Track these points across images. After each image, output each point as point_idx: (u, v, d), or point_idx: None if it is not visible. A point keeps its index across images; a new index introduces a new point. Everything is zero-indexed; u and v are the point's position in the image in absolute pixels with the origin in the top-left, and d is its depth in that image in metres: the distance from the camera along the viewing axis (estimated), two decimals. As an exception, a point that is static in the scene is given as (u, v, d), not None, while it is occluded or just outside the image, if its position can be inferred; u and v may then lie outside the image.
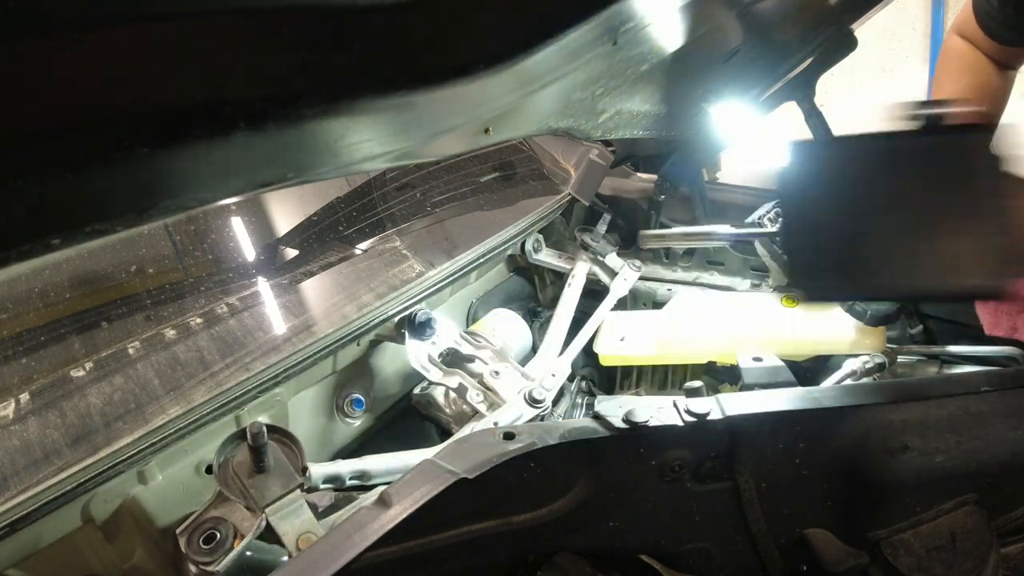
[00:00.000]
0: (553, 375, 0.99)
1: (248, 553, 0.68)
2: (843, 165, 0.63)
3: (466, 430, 0.87)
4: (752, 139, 1.21)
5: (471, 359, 0.97)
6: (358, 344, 0.95)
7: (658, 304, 1.33)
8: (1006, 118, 0.93)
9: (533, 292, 1.39)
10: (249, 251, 1.09)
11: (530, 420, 0.89)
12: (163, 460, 0.75)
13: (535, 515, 0.61)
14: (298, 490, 0.68)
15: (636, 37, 0.63)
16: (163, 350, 0.86)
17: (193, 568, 0.67)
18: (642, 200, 1.45)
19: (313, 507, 0.72)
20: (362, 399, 1.00)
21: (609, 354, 1.18)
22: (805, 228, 0.63)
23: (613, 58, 0.64)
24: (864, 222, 0.61)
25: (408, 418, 1.05)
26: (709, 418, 0.62)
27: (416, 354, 0.93)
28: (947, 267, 0.60)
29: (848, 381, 0.97)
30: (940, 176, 0.60)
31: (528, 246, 1.26)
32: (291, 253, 1.12)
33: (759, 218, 1.15)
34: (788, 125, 1.27)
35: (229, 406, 0.78)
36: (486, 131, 0.61)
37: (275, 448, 0.70)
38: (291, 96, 0.38)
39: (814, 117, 1.15)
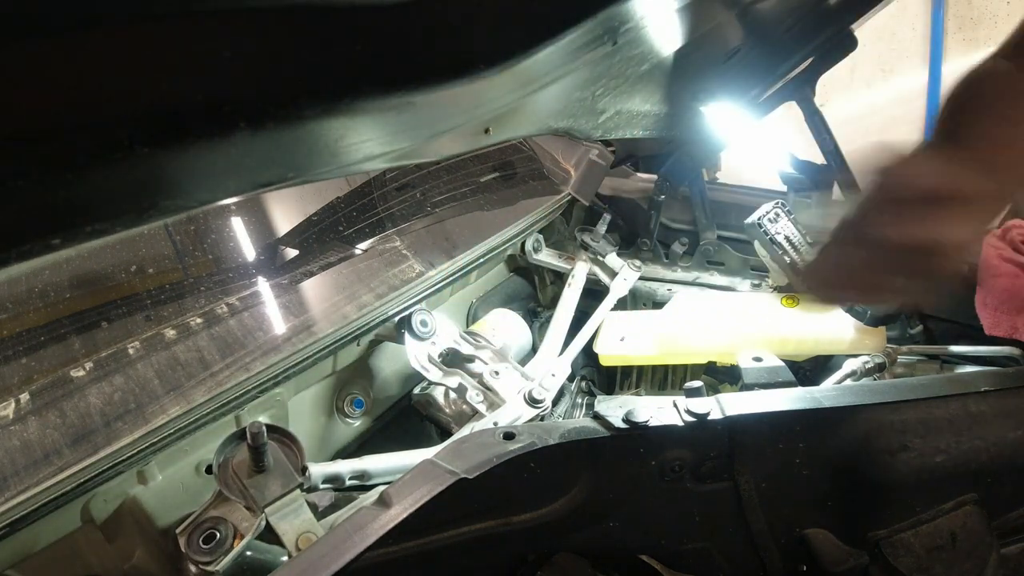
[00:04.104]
0: (553, 375, 0.99)
1: (248, 553, 0.68)
2: None
3: (466, 430, 0.87)
4: (752, 139, 1.21)
5: (471, 359, 0.97)
6: (358, 344, 0.95)
7: (658, 304, 1.33)
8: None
9: (533, 292, 1.39)
10: (249, 251, 1.09)
11: (530, 420, 0.89)
12: (163, 460, 0.75)
13: (535, 515, 0.61)
14: (298, 490, 0.68)
15: (636, 37, 0.63)
16: (163, 350, 0.86)
17: (193, 568, 0.67)
18: (642, 200, 1.45)
19: (313, 507, 0.72)
20: (362, 399, 1.00)
21: (609, 354, 1.18)
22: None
23: (613, 58, 0.64)
24: None
25: (408, 418, 1.05)
26: (709, 418, 0.62)
27: (416, 354, 0.93)
28: None
29: (848, 381, 0.97)
30: None
31: (528, 246, 1.26)
32: (291, 253, 1.12)
33: (759, 218, 1.15)
34: (788, 125, 1.27)
35: (229, 406, 0.78)
36: (486, 131, 0.61)
37: (275, 448, 0.70)
38: (291, 96, 0.38)
39: (814, 117, 1.15)
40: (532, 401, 0.91)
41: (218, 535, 0.66)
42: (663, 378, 1.28)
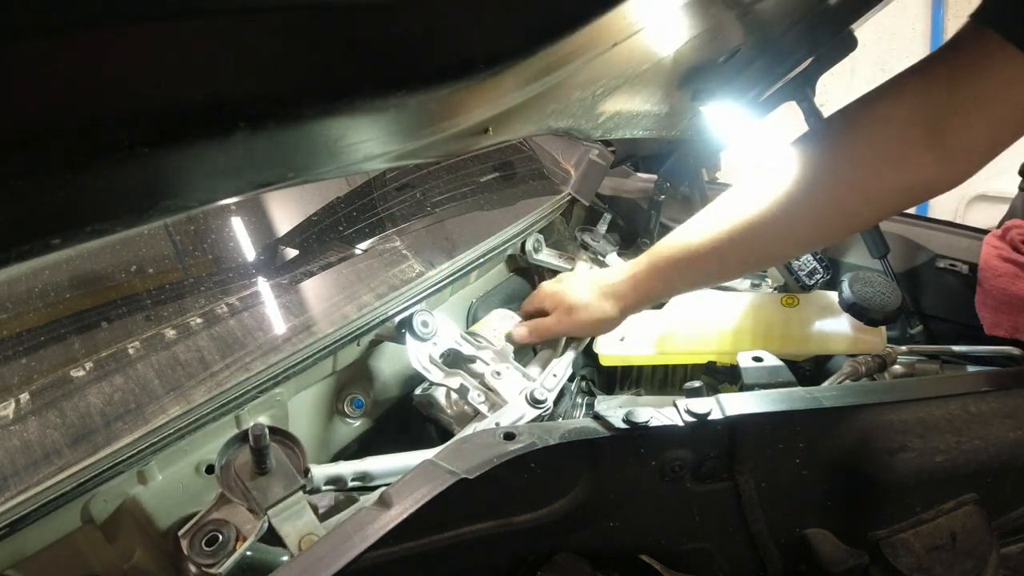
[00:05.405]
0: (554, 375, 0.99)
1: (248, 554, 0.68)
2: None
3: (468, 430, 0.87)
4: (752, 139, 1.21)
5: (472, 360, 0.97)
6: (358, 344, 0.95)
7: (658, 304, 1.33)
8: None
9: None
10: (249, 251, 1.09)
11: (532, 420, 0.89)
12: (163, 460, 0.75)
13: (535, 515, 0.61)
14: (300, 492, 0.68)
15: (636, 37, 0.63)
16: (163, 350, 0.86)
17: (194, 569, 0.67)
18: (642, 200, 1.45)
19: (313, 509, 0.72)
20: (362, 399, 1.00)
21: (609, 354, 1.18)
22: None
23: (613, 58, 0.64)
24: None
25: (408, 419, 1.05)
26: (709, 418, 0.62)
27: (417, 355, 0.93)
28: None
29: (848, 381, 0.97)
30: None
31: (528, 246, 1.26)
32: (291, 253, 1.12)
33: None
34: (788, 125, 1.27)
35: (229, 406, 0.78)
36: (486, 131, 0.61)
37: (277, 450, 0.69)
38: (291, 96, 0.38)
39: (814, 117, 1.15)
40: (534, 401, 0.91)
41: (220, 537, 0.66)
42: (663, 378, 1.28)
